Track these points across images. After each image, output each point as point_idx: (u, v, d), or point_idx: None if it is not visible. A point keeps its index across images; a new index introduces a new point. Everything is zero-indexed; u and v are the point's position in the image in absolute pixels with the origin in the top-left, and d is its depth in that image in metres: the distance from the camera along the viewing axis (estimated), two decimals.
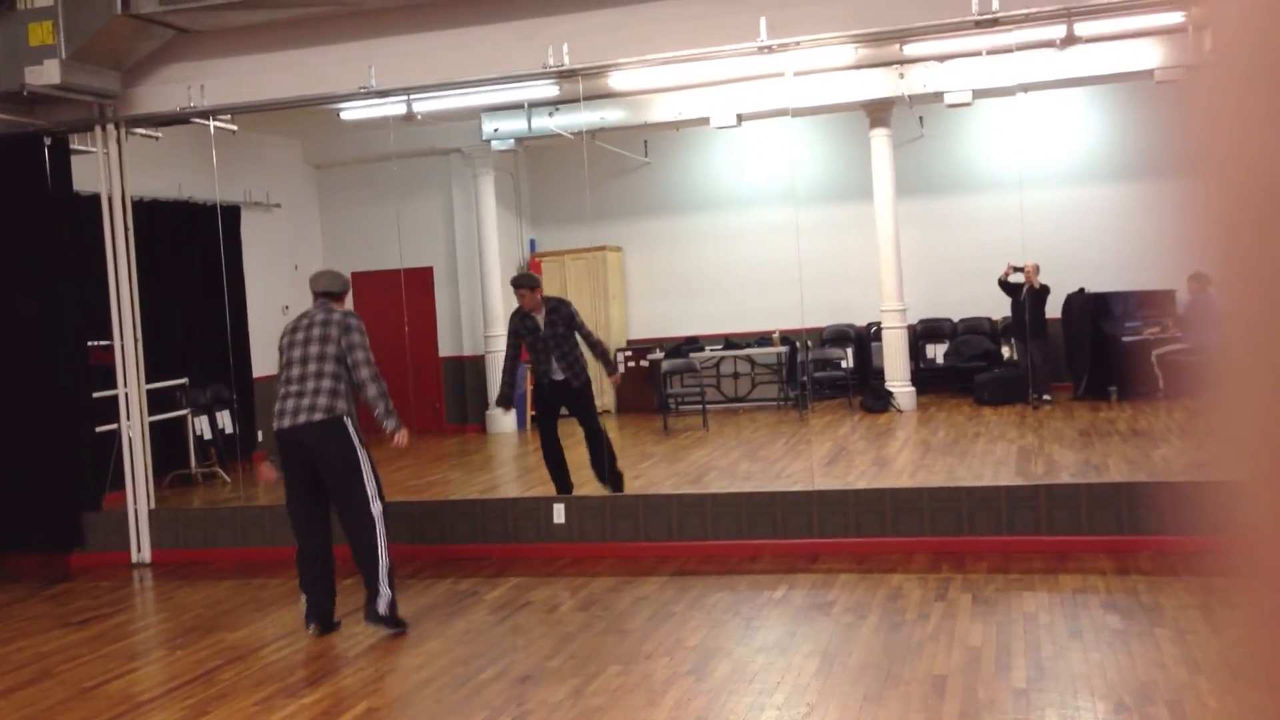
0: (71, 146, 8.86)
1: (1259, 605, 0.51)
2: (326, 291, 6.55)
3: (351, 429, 6.30)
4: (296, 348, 6.35)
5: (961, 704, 4.69)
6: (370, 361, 6.33)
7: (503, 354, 13.20)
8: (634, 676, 5.32)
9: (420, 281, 13.69)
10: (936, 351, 13.69)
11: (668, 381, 13.14)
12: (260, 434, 12.06)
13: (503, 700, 5.12)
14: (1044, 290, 12.22)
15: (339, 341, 6.32)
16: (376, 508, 6.26)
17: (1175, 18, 8.63)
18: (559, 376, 8.64)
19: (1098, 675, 4.92)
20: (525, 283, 8.80)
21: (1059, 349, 12.80)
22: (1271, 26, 0.47)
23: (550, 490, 8.74)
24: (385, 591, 6.22)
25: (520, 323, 8.75)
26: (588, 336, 8.81)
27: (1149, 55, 10.35)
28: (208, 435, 11.26)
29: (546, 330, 8.63)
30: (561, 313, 8.67)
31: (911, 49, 9.66)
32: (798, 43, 7.53)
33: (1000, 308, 12.99)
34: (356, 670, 5.77)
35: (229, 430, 11.28)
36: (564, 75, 7.99)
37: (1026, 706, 4.64)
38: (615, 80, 8.99)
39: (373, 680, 5.59)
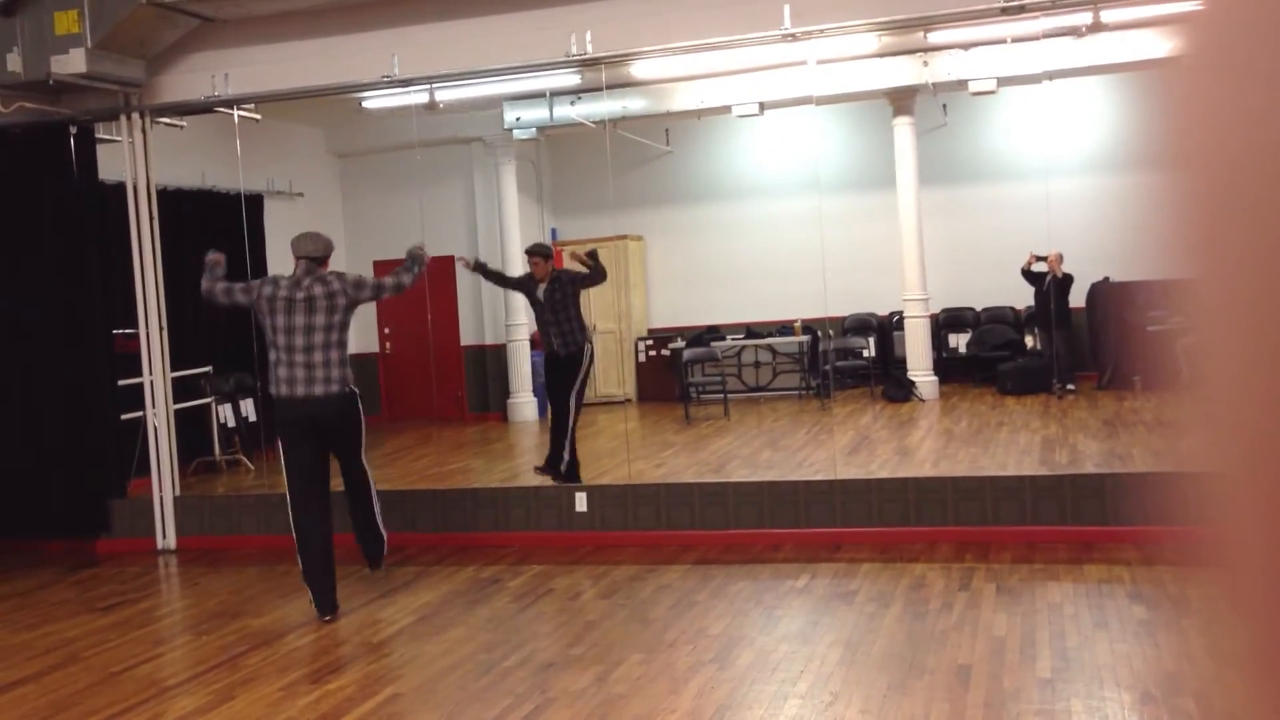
0: (97, 135, 8.90)
1: (1236, 601, 0.51)
2: (310, 255, 6.52)
3: (359, 402, 6.58)
4: (298, 314, 6.37)
5: (986, 694, 4.68)
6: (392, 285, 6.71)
7: (524, 342, 13.30)
8: (657, 665, 5.32)
9: (442, 270, 13.69)
10: (959, 341, 13.63)
11: (689, 370, 13.13)
12: None
13: (526, 688, 5.14)
14: (1067, 279, 12.14)
15: (345, 311, 6.45)
16: (369, 469, 6.83)
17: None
18: (553, 347, 8.77)
19: (1124, 666, 4.89)
20: (540, 251, 8.97)
21: (1083, 338, 12.72)
22: (1253, 17, 0.47)
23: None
24: (384, 534, 6.96)
25: (526, 282, 8.93)
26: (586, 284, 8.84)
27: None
28: (231, 423, 11.31)
29: (545, 300, 8.74)
30: (562, 281, 8.77)
31: (936, 36, 9.59)
32: (821, 30, 7.49)
33: (1024, 297, 12.92)
34: (381, 656, 5.79)
35: (252, 418, 11.32)
36: (586, 64, 7.98)
37: (1052, 696, 4.62)
38: (637, 69, 8.97)
39: (397, 667, 5.61)
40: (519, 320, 13.45)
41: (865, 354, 13.63)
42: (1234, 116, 0.47)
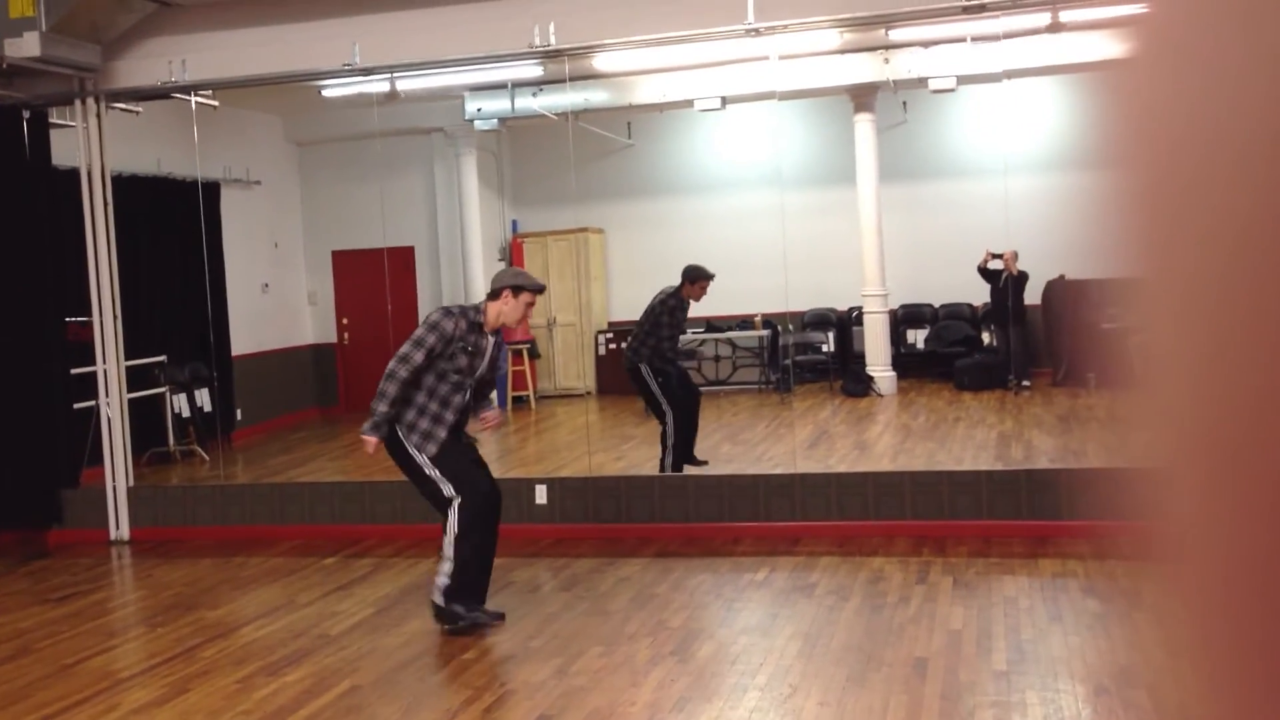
0: (50, 120, 8.76)
1: (1177, 595, 0.53)
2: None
3: (405, 439, 5.88)
4: None
5: (943, 686, 4.72)
6: (400, 357, 5.99)
7: None
8: (617, 657, 5.33)
9: (402, 261, 13.62)
10: (917, 336, 13.72)
11: None
12: (240, 412, 12.00)
13: (485, 680, 5.13)
14: (1023, 277, 12.26)
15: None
16: (456, 501, 5.80)
17: None
18: (668, 356, 9.11)
19: (1077, 658, 4.96)
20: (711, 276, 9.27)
21: (1039, 335, 12.85)
22: (1195, 17, 0.48)
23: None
24: (440, 580, 5.81)
25: (679, 304, 9.17)
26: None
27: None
28: (186, 413, 11.19)
29: (681, 316, 9.25)
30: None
31: (897, 34, 9.65)
32: (784, 26, 7.51)
33: (981, 293, 13.03)
34: (338, 649, 5.75)
35: (207, 408, 11.21)
36: (549, 55, 7.95)
37: (1007, 689, 4.67)
38: (600, 61, 8.95)
39: (354, 659, 5.58)
40: None
41: (825, 349, 13.70)
42: (1177, 116, 0.49)
